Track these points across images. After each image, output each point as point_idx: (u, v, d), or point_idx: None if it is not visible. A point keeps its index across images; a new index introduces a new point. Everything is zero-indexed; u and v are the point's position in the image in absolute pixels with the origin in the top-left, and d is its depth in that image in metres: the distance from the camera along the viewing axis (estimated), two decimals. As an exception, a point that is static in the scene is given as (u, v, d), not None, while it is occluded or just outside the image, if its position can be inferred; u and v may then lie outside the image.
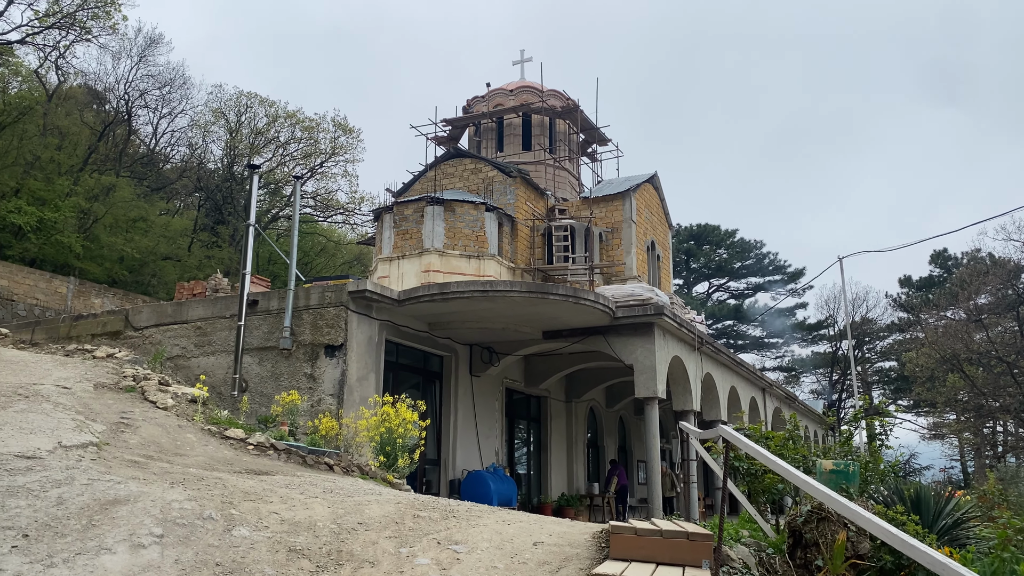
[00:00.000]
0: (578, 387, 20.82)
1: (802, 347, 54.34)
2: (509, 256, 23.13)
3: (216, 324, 13.96)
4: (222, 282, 15.23)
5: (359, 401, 12.88)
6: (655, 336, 15.13)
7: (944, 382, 35.02)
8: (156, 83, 31.70)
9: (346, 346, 12.90)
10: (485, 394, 17.07)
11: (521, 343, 16.56)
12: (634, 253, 24.73)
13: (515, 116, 27.27)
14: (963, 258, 43.49)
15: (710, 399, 19.10)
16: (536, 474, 19.57)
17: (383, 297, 13.49)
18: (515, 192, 24.16)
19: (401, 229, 22.85)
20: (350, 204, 37.25)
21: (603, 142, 28.96)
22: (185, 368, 13.91)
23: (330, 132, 35.27)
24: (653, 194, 27.28)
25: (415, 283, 21.19)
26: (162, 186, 33.74)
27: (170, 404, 10.25)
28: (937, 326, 37.46)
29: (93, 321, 14.99)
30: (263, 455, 9.37)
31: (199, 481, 6.31)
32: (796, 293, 53.03)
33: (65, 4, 25.93)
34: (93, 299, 23.93)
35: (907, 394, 44.95)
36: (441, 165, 25.37)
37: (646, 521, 5.65)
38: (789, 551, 5.49)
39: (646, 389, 15.04)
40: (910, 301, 46.86)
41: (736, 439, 4.41)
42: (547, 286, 14.26)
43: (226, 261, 31.23)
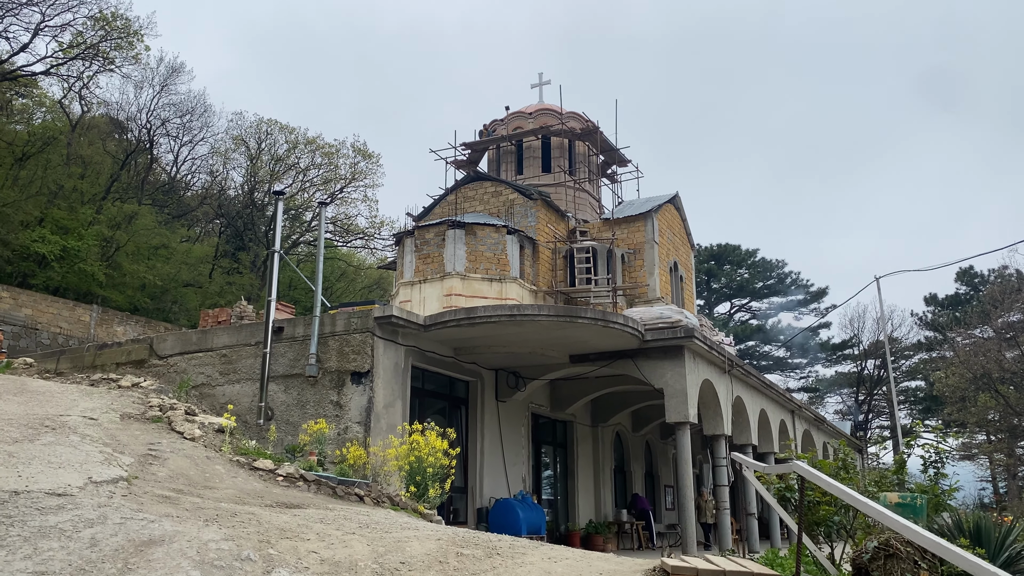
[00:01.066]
0: (604, 411, 20.50)
1: (826, 367, 53.65)
2: (531, 279, 22.95)
3: (241, 352, 13.83)
4: (247, 309, 15.12)
5: (386, 429, 12.67)
6: (685, 359, 14.83)
7: (975, 402, 34.32)
8: (177, 112, 31.98)
9: (372, 373, 12.71)
10: (511, 419, 16.80)
11: (547, 367, 16.31)
12: (657, 274, 24.47)
13: (534, 138, 27.20)
14: (990, 275, 42.88)
15: (740, 423, 18.72)
16: (563, 500, 19.22)
17: (409, 322, 13.32)
18: (536, 214, 24.02)
19: (423, 253, 22.74)
20: (370, 229, 37.29)
21: (623, 163, 28.81)
22: (210, 396, 13.76)
23: (350, 158, 35.40)
24: (675, 214, 27.05)
25: (437, 307, 21.03)
26: (183, 213, 33.91)
27: (197, 435, 10.08)
28: (966, 344, 36.78)
29: (118, 350, 14.90)
30: (293, 486, 9.16)
31: (232, 517, 6.10)
32: (820, 313, 52.43)
33: (89, 36, 26.23)
34: (116, 327, 23.95)
35: (936, 414, 44.13)
36: (461, 188, 25.30)
37: (703, 558, 5.38)
38: (855, 590, 5.19)
39: (677, 414, 14.72)
40: (936, 320, 46.17)
41: (814, 476, 4.16)
42: (575, 309, 14.03)
43: (247, 287, 31.24)
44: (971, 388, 34.41)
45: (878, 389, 50.18)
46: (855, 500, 3.82)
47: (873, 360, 50.41)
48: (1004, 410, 33.63)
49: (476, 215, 23.65)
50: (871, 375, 50.50)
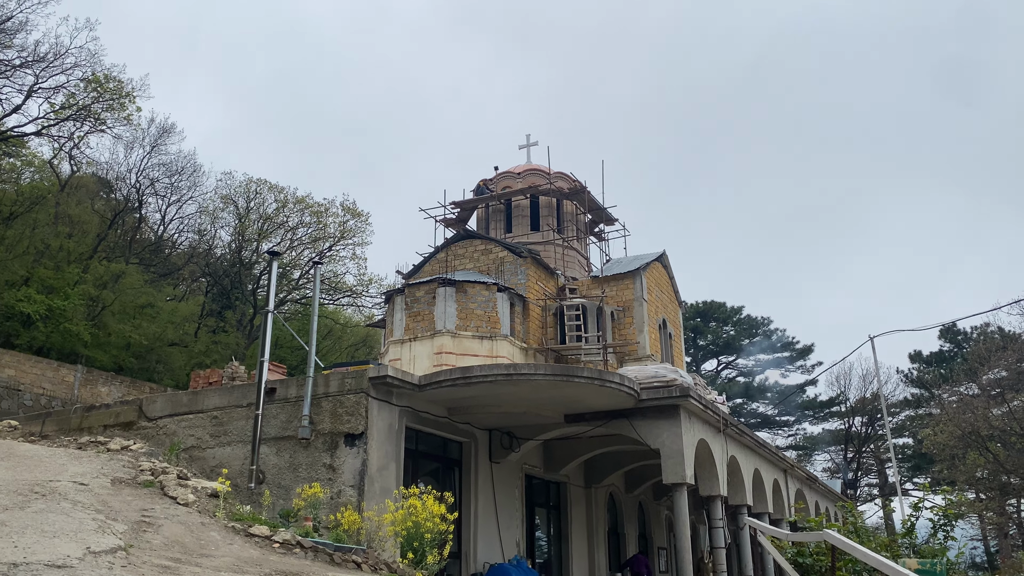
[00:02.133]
0: (597, 472, 20.27)
1: (814, 424, 53.57)
2: (522, 336, 22.91)
3: (232, 413, 13.61)
4: (239, 370, 14.95)
5: (380, 492, 12.43)
6: (681, 419, 14.75)
7: (964, 460, 34.28)
8: (167, 171, 32.13)
9: (367, 434, 12.53)
10: (505, 481, 16.56)
11: (542, 427, 16.16)
12: (647, 332, 24.52)
13: (523, 198, 27.49)
14: (973, 333, 43.34)
15: (735, 483, 18.55)
16: (557, 564, 18.85)
17: (404, 382, 13.20)
18: (526, 272, 24.12)
19: (413, 311, 22.69)
20: (358, 287, 37.26)
21: (610, 222, 29.12)
22: (200, 459, 13.49)
23: (339, 216, 35.55)
24: (662, 272, 27.26)
25: (427, 365, 20.89)
26: (169, 272, 33.77)
27: (191, 499, 9.85)
28: (952, 402, 36.91)
29: (105, 412, 14.64)
30: (290, 554, 8.94)
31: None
32: (807, 370, 52.55)
33: (81, 97, 26.43)
34: (100, 387, 23.58)
35: (925, 472, 44.02)
36: (452, 246, 25.41)
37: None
38: (879, 659, 5.08)
39: (674, 475, 14.57)
40: (922, 377, 46.39)
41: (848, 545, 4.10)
42: (572, 368, 13.99)
43: (233, 346, 30.96)
44: (960, 446, 34.42)
45: (866, 447, 50.08)
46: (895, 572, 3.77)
47: (860, 417, 50.44)
48: (993, 468, 33.60)
49: (466, 273, 23.71)
50: (859, 432, 50.45)
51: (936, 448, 36.39)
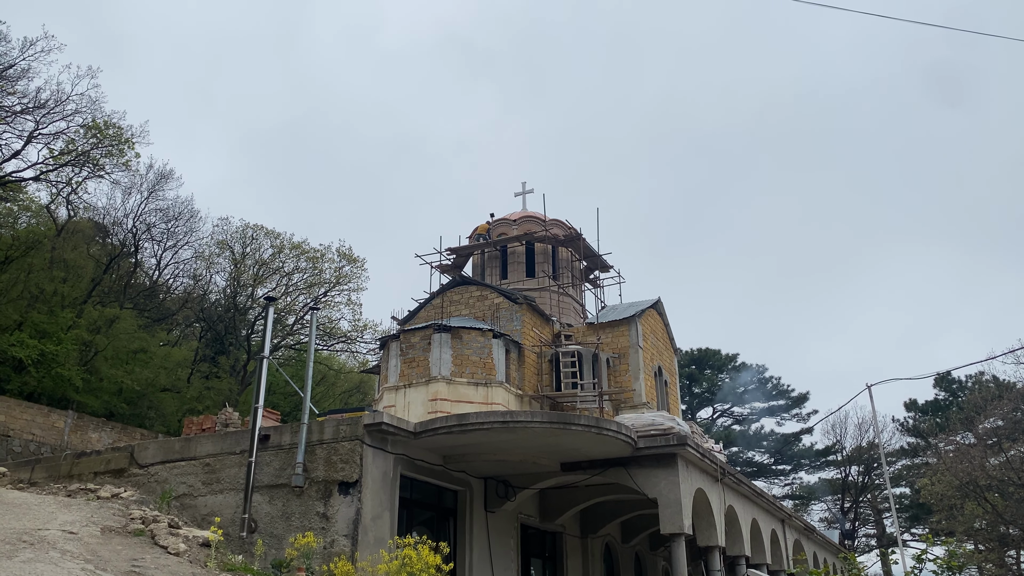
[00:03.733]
0: (594, 522, 20.01)
1: (810, 473, 53.12)
2: (517, 383, 22.79)
3: (225, 460, 13.44)
4: (232, 416, 14.82)
5: (374, 542, 12.23)
6: (679, 467, 14.64)
7: (962, 510, 33.95)
8: (164, 217, 32.22)
9: (361, 483, 12.38)
10: (500, 531, 16.32)
11: (538, 476, 15.99)
12: (642, 379, 24.43)
13: (518, 244, 27.61)
14: (968, 382, 43.31)
15: (733, 533, 18.32)
16: (553, 617, 18.49)
17: (399, 429, 13.09)
18: (521, 318, 24.10)
19: (408, 357, 22.60)
20: (353, 332, 37.14)
21: (605, 268, 29.24)
22: (191, 507, 13.28)
23: (335, 262, 35.61)
24: (658, 319, 27.27)
25: (422, 412, 20.72)
26: (163, 317, 33.65)
27: (182, 549, 9.68)
28: (948, 451, 36.71)
29: (96, 459, 14.44)
30: (282, 605, 8.75)
31: (227, 641, 5.78)
32: (803, 418, 52.30)
33: (80, 143, 26.63)
34: (91, 433, 23.31)
35: (922, 522, 43.56)
36: (447, 292, 25.42)
37: None
38: None
39: (672, 524, 14.39)
40: (918, 425, 46.21)
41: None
42: (569, 416, 13.90)
43: (226, 392, 30.70)
44: (957, 496, 34.11)
45: (863, 496, 49.60)
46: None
47: (857, 466, 50.06)
48: (992, 518, 33.26)
49: (462, 319, 23.69)
50: (855, 482, 50.02)
51: (934, 498, 36.06)
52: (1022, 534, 32.97)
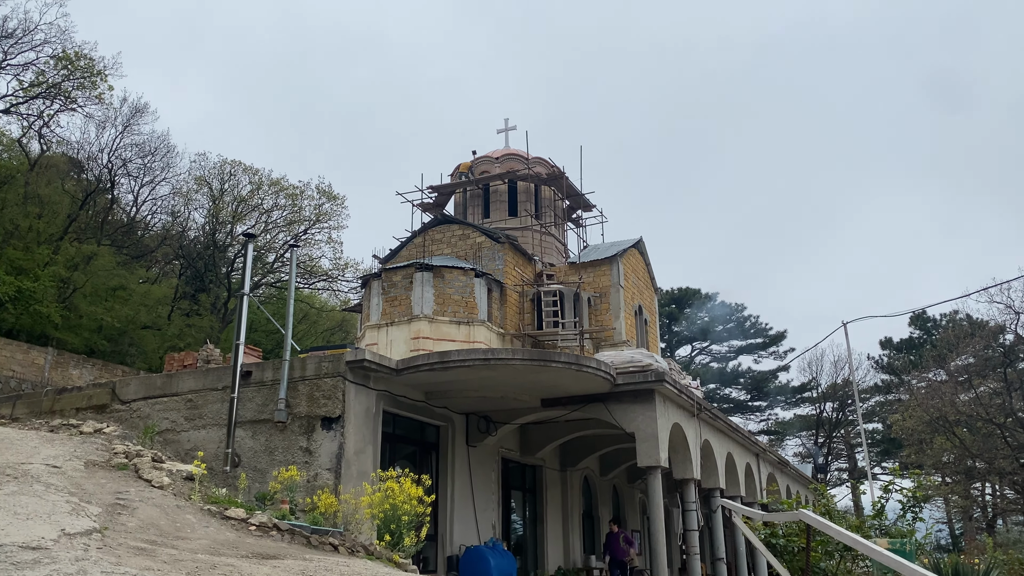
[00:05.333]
0: (573, 456, 20.42)
1: (785, 410, 54.31)
2: (499, 322, 22.94)
3: (208, 396, 13.53)
4: (214, 353, 14.84)
5: (357, 475, 12.44)
6: (656, 403, 14.89)
7: (932, 444, 34.97)
8: (140, 152, 31.63)
9: (344, 418, 12.52)
10: (482, 465, 16.63)
11: (519, 411, 16.23)
12: (623, 318, 24.66)
13: (501, 183, 27.45)
14: (942, 320, 44.11)
15: (708, 466, 18.77)
16: (532, 546, 19.00)
17: (381, 366, 13.18)
18: (503, 258, 24.12)
19: (390, 296, 22.62)
20: (334, 271, 37.03)
21: (588, 208, 29.18)
22: (175, 443, 13.40)
23: (314, 199, 35.27)
24: (639, 259, 27.39)
25: (404, 350, 20.86)
26: (142, 254, 33.33)
27: (166, 483, 9.80)
28: (921, 387, 37.59)
29: (78, 395, 14.47)
30: (266, 536, 8.92)
31: (213, 569, 5.93)
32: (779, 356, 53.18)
33: (51, 75, 25.92)
34: (71, 370, 23.30)
35: (893, 456, 44.83)
36: (429, 231, 25.34)
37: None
38: (849, 637, 5.22)
39: (649, 458, 14.71)
40: (892, 363, 47.16)
41: (823, 524, 4.20)
42: (549, 353, 14.05)
43: (207, 330, 30.68)
44: (927, 431, 35.08)
45: (836, 432, 50.86)
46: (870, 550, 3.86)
47: (831, 403, 51.19)
48: (960, 452, 34.30)
49: (444, 258, 23.68)
50: (830, 418, 51.21)
51: (904, 433, 37.08)
52: (988, 467, 34.07)
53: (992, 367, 34.42)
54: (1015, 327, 34.38)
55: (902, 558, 5.41)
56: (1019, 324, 34.12)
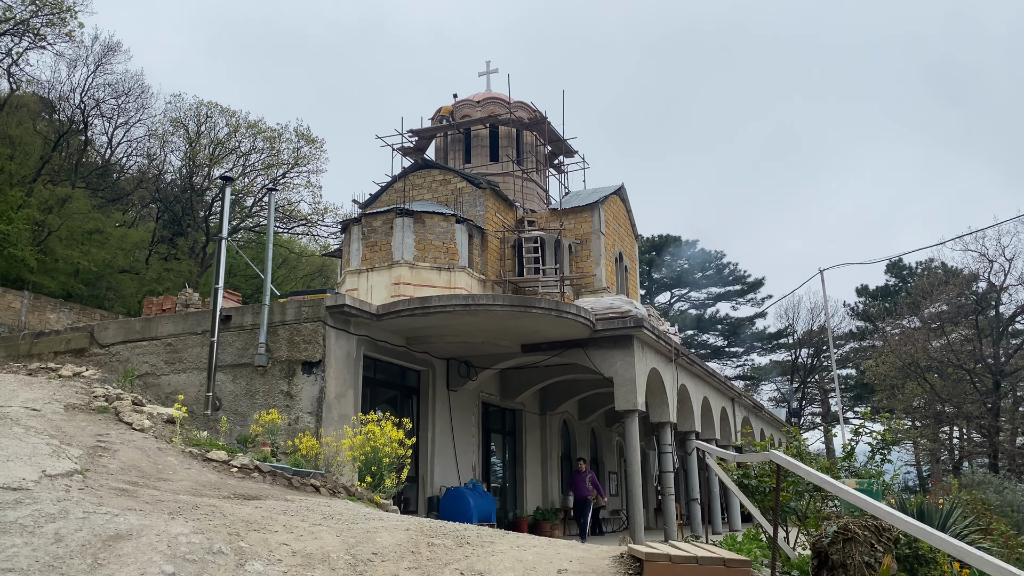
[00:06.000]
0: (552, 400, 20.70)
1: (761, 355, 55.12)
2: (480, 268, 22.95)
3: (187, 340, 13.53)
4: (192, 297, 14.78)
5: (338, 419, 12.57)
6: (634, 349, 15.08)
7: (903, 390, 35.74)
8: (113, 92, 30.88)
9: (324, 362, 12.58)
10: (462, 408, 16.83)
11: (499, 357, 16.38)
12: (603, 265, 24.74)
13: (482, 127, 27.14)
14: (918, 268, 44.66)
15: (685, 410, 19.13)
16: (512, 488, 19.37)
17: (362, 312, 13.21)
18: (484, 203, 24.00)
19: (370, 241, 22.51)
20: (313, 215, 36.70)
21: (570, 154, 29.00)
22: (155, 386, 13.43)
23: (293, 142, 34.74)
24: (620, 206, 27.38)
25: (385, 296, 20.86)
26: (118, 197, 32.83)
27: (147, 425, 9.85)
28: (895, 334, 38.24)
29: (56, 338, 14.41)
30: (248, 478, 9.03)
31: (195, 510, 6.01)
32: (757, 303, 53.75)
33: (19, 11, 25.12)
34: (48, 314, 23.11)
35: (866, 401, 45.79)
36: (409, 176, 25.11)
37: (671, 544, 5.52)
38: (814, 572, 5.40)
39: (626, 402, 14.96)
40: (868, 310, 47.84)
41: (793, 465, 4.32)
42: (529, 299, 14.12)
43: (185, 274, 30.45)
44: (899, 376, 35.82)
45: (811, 377, 51.78)
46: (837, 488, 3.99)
47: (807, 349, 52.00)
48: (930, 397, 35.11)
49: (425, 203, 23.52)
50: (804, 364, 52.08)
51: (877, 379, 37.83)
52: (956, 412, 34.93)
53: (964, 314, 35.04)
54: (988, 275, 34.95)
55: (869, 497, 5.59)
56: (992, 272, 34.69)
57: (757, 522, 6.92)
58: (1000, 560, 3.13)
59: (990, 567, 2.97)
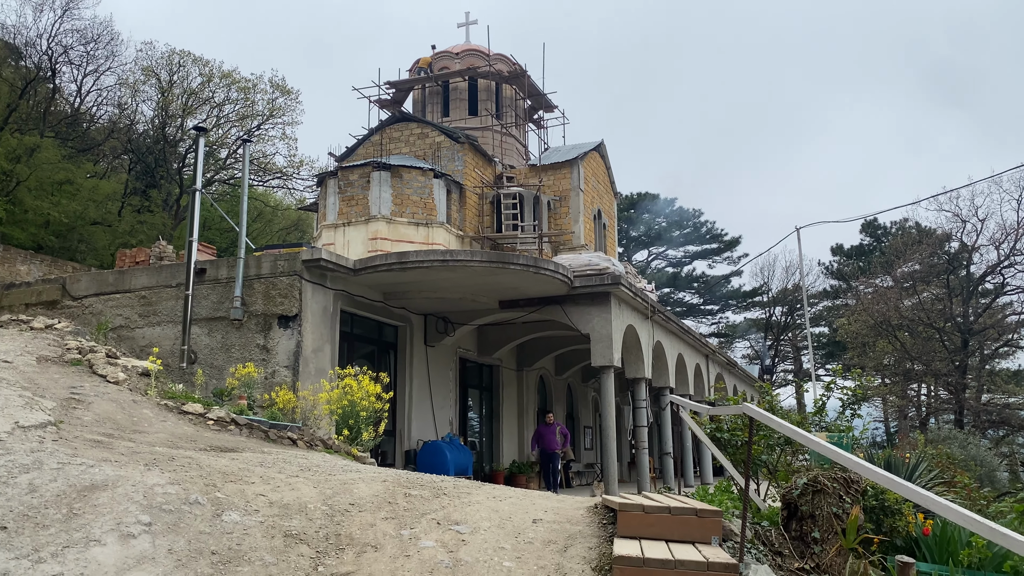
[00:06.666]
0: (529, 356, 20.82)
1: (736, 313, 55.68)
2: (458, 224, 22.82)
3: (161, 293, 13.39)
4: (166, 249, 14.59)
5: (315, 373, 12.57)
6: (611, 305, 15.15)
7: (874, 347, 36.35)
8: (81, 38, 30.01)
9: (300, 316, 12.54)
10: (439, 364, 16.89)
11: (477, 313, 16.40)
12: (582, 221, 24.70)
13: (461, 80, 26.77)
14: (892, 228, 45.11)
15: (660, 366, 19.33)
16: (488, 442, 19.57)
17: (338, 266, 13.14)
18: (463, 158, 23.77)
19: (346, 195, 22.27)
20: (288, 168, 36.20)
21: (549, 109, 28.73)
22: (129, 339, 13.32)
23: (267, 93, 34.08)
24: (600, 162, 27.25)
25: (362, 251, 20.72)
26: (89, 147, 32.12)
27: (121, 378, 9.79)
28: (867, 293, 38.75)
29: (27, 290, 14.20)
30: (224, 430, 9.04)
31: (171, 461, 6.01)
32: (733, 261, 54.13)
33: (-20, -50, 24.17)
34: (19, 266, 22.73)
35: (837, 359, 46.56)
36: (386, 129, 24.76)
37: (643, 495, 5.61)
38: (784, 523, 5.53)
39: (603, 358, 15.08)
40: (842, 269, 48.36)
41: (766, 417, 4.39)
42: (508, 256, 14.10)
43: (159, 226, 30.02)
44: (871, 335, 36.39)
45: (784, 335, 52.47)
46: (808, 440, 4.06)
47: (781, 307, 52.60)
48: (900, 355, 35.74)
49: (402, 157, 23.25)
50: (779, 321, 52.71)
51: (849, 336, 38.41)
52: (925, 369, 35.62)
53: (936, 273, 35.54)
54: (960, 235, 35.40)
55: (840, 450, 5.71)
56: (964, 232, 35.12)
57: (729, 475, 7.06)
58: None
59: (955, 515, 3.05)
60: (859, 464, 3.63)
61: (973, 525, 2.97)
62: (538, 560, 4.57)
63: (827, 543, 5.18)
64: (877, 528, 5.91)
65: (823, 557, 5.19)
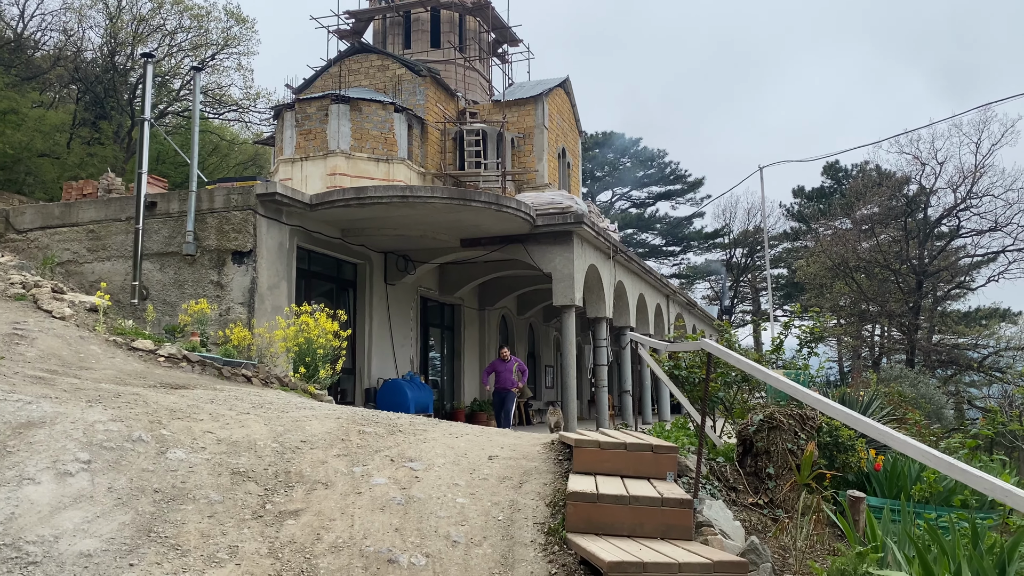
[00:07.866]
0: (491, 295, 20.74)
1: (698, 255, 56.11)
2: (419, 160, 22.39)
3: (111, 227, 12.96)
4: (115, 182, 14.07)
5: (271, 310, 12.33)
6: (574, 245, 15.06)
7: (831, 289, 36.95)
8: (21, -42, 28.36)
9: (255, 252, 12.24)
10: (400, 302, 16.73)
11: (438, 251, 16.20)
12: (546, 160, 24.42)
13: (423, 10, 25.98)
14: (853, 170, 45.42)
15: (621, 306, 19.40)
16: (450, 381, 19.58)
17: (294, 201, 12.81)
18: (425, 93, 23.21)
19: (304, 128, 21.67)
20: (245, 101, 35.06)
21: (514, 43, 28.11)
22: (78, 274, 12.92)
23: (222, 21, 32.73)
24: (565, 100, 26.84)
25: (320, 186, 20.26)
26: (34, 76, 30.70)
27: (68, 313, 9.47)
28: (826, 235, 39.19)
29: (-33, 223, 13.63)
30: (176, 367, 8.83)
31: (117, 398, 5.81)
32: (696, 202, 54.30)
33: None
34: (-39, 199, 21.85)
35: (794, 300, 47.29)
36: (345, 60, 24.03)
37: (600, 432, 5.58)
38: (739, 459, 5.55)
39: (564, 297, 15.04)
40: (802, 211, 48.77)
41: (724, 353, 4.33)
42: (469, 192, 13.86)
43: (110, 159, 28.99)
44: (829, 276, 36.95)
45: (744, 276, 53.10)
46: (766, 375, 4.02)
47: (741, 249, 53.08)
48: (856, 296, 36.40)
49: (362, 90, 22.61)
50: (739, 263, 53.26)
51: (807, 278, 38.97)
52: (880, 310, 36.36)
53: (894, 216, 36.01)
54: (919, 178, 35.79)
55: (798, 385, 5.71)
56: (923, 175, 35.51)
57: (686, 412, 7.08)
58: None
59: (914, 450, 3.04)
60: (821, 401, 3.60)
61: (932, 460, 2.96)
62: (492, 496, 4.52)
63: (781, 478, 5.22)
64: (830, 464, 5.98)
65: (777, 492, 5.23)
